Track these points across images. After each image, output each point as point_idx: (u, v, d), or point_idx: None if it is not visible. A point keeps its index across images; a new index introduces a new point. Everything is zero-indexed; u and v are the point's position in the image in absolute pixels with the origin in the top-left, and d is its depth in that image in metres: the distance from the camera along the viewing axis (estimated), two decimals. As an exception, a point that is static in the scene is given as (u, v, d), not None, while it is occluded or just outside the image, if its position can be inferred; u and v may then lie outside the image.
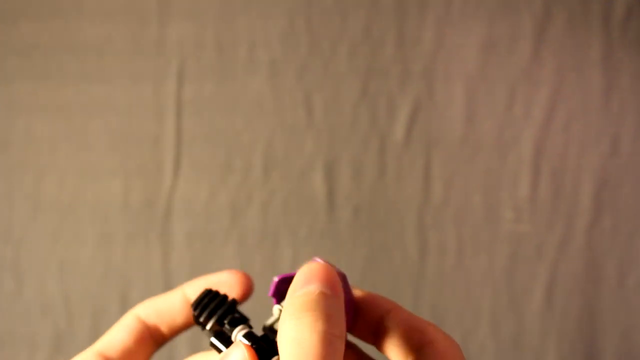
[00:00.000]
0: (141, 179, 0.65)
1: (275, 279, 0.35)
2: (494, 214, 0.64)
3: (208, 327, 0.36)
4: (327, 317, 0.30)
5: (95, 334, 0.64)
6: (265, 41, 0.64)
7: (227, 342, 0.35)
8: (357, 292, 0.37)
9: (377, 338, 0.36)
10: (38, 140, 0.65)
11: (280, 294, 0.36)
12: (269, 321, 0.36)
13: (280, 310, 0.34)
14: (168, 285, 0.64)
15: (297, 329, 0.29)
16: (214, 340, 0.35)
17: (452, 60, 0.64)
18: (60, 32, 0.65)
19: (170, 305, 0.40)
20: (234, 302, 0.36)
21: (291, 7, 0.64)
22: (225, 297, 0.37)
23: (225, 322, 0.35)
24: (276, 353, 0.33)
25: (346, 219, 0.64)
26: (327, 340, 0.29)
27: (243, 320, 0.36)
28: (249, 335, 0.34)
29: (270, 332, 0.35)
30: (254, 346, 0.33)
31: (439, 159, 0.64)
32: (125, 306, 0.64)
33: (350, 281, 0.37)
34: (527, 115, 0.64)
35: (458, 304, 0.64)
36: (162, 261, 0.65)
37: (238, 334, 0.35)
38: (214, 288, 0.38)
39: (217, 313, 0.36)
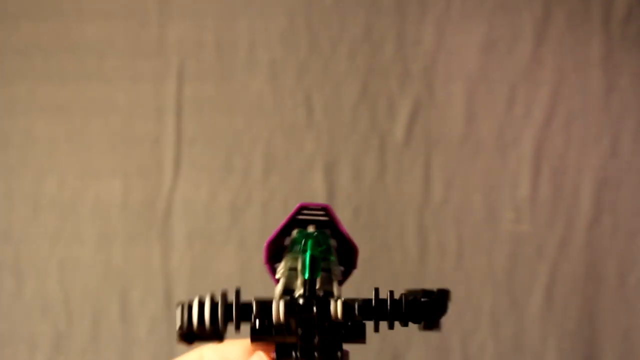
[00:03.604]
0: (141, 179, 0.65)
1: (265, 244, 0.34)
2: (494, 214, 0.64)
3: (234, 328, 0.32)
4: None
5: (95, 334, 0.64)
6: (265, 41, 0.64)
7: (268, 327, 0.32)
8: None
9: None
10: (38, 140, 0.65)
11: (270, 256, 0.34)
12: (279, 288, 0.33)
13: (287, 271, 0.33)
14: (168, 285, 0.64)
15: None
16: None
17: (452, 60, 0.64)
18: (60, 32, 0.65)
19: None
20: (238, 292, 0.32)
21: (291, 7, 0.64)
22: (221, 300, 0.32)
23: (254, 313, 0.32)
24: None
25: (346, 219, 0.64)
26: None
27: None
28: (291, 307, 0.31)
29: (288, 293, 0.33)
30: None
31: (439, 159, 0.64)
32: (125, 306, 0.64)
33: (351, 281, 0.37)
34: (527, 115, 0.64)
35: (458, 304, 0.64)
36: (162, 261, 0.65)
37: (280, 309, 0.31)
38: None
39: (232, 310, 0.32)
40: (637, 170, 0.63)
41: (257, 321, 0.32)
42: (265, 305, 0.32)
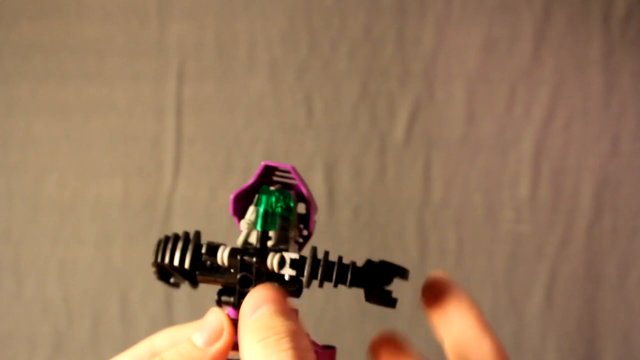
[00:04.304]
0: (141, 179, 0.65)
1: (231, 197, 0.35)
2: (494, 214, 0.64)
3: (186, 265, 0.34)
4: (291, 334, 0.29)
5: (95, 334, 0.64)
6: (265, 41, 0.64)
7: (214, 269, 0.34)
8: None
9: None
10: (38, 140, 0.65)
11: (239, 211, 0.36)
12: (241, 238, 0.35)
13: (248, 224, 0.35)
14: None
15: (263, 353, 0.29)
16: (201, 275, 0.34)
17: (452, 60, 0.64)
18: (60, 32, 0.65)
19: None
20: (198, 233, 0.35)
21: (291, 7, 0.64)
22: (184, 234, 0.35)
23: (203, 252, 0.34)
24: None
25: (346, 219, 0.64)
26: (299, 357, 0.29)
27: (216, 245, 0.34)
28: (234, 251, 0.33)
29: (248, 244, 0.35)
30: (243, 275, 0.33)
31: (439, 159, 0.64)
32: (125, 306, 0.64)
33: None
34: (527, 115, 0.64)
35: (458, 304, 0.64)
36: (162, 261, 0.65)
37: (225, 253, 0.34)
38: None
39: (188, 248, 0.34)
40: (637, 170, 0.63)
41: (208, 263, 0.34)
42: (213, 248, 0.34)
